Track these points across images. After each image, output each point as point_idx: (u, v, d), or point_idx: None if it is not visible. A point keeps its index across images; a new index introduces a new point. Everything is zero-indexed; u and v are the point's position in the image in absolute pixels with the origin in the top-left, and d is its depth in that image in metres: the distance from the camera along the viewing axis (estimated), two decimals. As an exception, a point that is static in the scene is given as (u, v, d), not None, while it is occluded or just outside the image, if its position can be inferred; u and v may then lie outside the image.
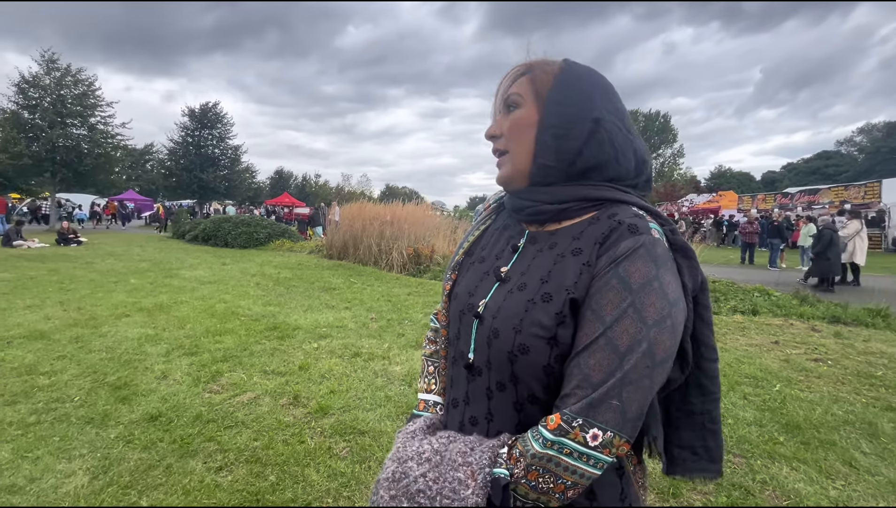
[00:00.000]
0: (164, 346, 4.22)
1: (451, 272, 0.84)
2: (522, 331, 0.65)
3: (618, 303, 0.60)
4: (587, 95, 0.71)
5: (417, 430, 0.73)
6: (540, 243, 0.74)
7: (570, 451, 0.58)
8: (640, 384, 0.58)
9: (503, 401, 0.69)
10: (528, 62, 0.76)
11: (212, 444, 2.57)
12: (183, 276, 8.23)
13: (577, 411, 0.58)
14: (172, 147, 29.56)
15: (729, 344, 4.80)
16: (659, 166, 57.72)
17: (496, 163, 0.78)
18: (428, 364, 0.92)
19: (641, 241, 0.62)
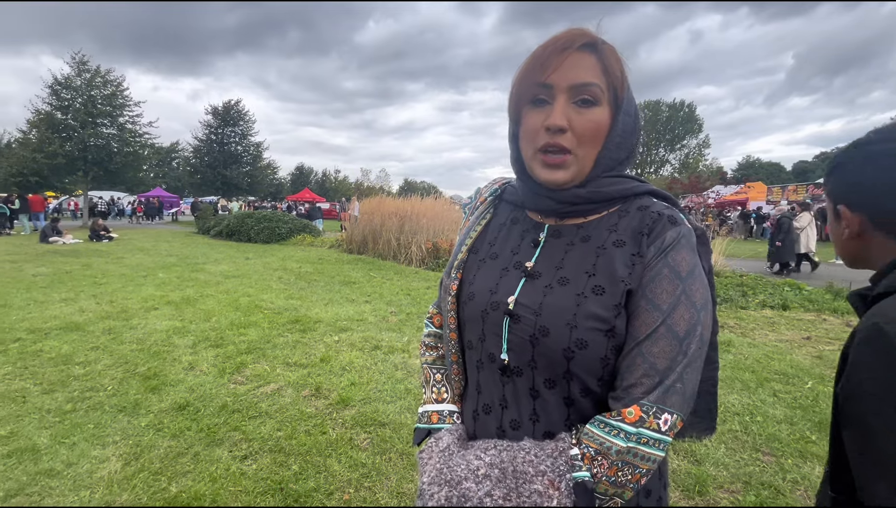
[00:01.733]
0: (191, 338, 4.35)
1: (456, 272, 0.78)
2: (578, 326, 0.63)
3: (672, 291, 0.62)
4: (636, 108, 0.72)
5: (451, 445, 0.69)
6: (567, 236, 0.72)
7: (647, 440, 0.59)
8: (696, 364, 0.62)
9: (552, 399, 0.67)
10: (591, 34, 0.67)
11: (237, 433, 2.63)
12: (208, 270, 8.45)
13: (655, 399, 0.59)
14: (197, 145, 30.29)
15: (758, 339, 4.66)
16: (683, 157, 56.23)
17: (550, 160, 0.67)
18: (434, 372, 0.86)
19: (682, 232, 0.66)
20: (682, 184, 39.91)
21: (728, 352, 4.19)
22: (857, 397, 0.60)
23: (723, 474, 2.35)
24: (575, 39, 0.66)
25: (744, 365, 3.86)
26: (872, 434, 0.57)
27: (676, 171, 53.77)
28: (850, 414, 0.61)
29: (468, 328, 0.75)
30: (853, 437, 0.61)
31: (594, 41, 0.67)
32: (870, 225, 0.73)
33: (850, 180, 0.75)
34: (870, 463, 0.58)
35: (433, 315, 0.92)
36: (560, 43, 0.66)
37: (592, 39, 0.67)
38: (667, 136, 56.29)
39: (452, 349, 0.79)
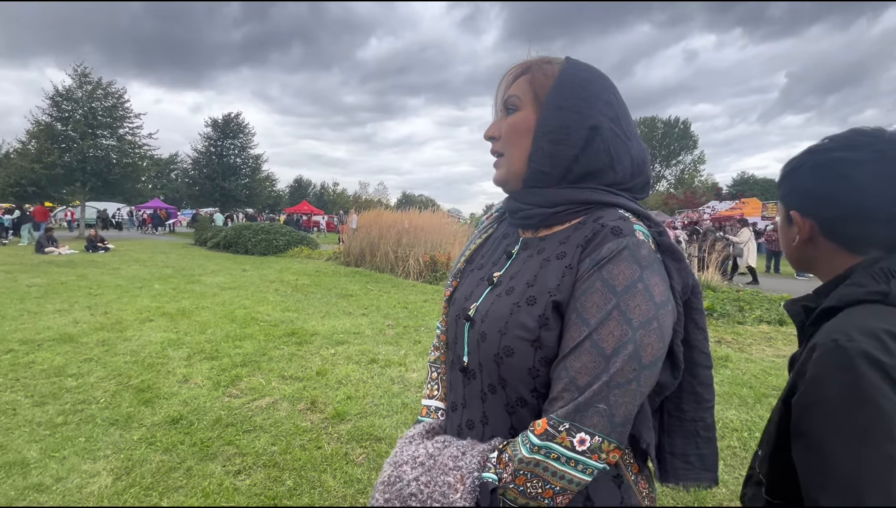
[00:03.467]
0: (186, 350, 4.31)
1: (453, 280, 0.86)
2: (507, 333, 0.65)
3: (602, 305, 0.59)
4: (586, 100, 0.69)
5: (416, 435, 0.75)
6: (531, 248, 0.74)
7: (557, 456, 0.57)
8: (627, 387, 0.57)
9: (496, 404, 0.69)
10: (528, 61, 0.75)
11: (231, 448, 2.60)
12: (204, 282, 8.41)
13: (564, 415, 0.57)
14: (196, 157, 30.40)
15: (755, 355, 4.66)
16: (679, 173, 56.79)
17: (493, 163, 0.78)
18: (431, 370, 0.94)
19: (625, 243, 0.62)
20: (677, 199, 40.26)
21: (726, 367, 4.18)
22: (815, 411, 0.60)
23: (721, 491, 2.33)
24: (510, 73, 0.76)
25: (741, 380, 3.85)
26: (826, 449, 0.58)
27: (672, 186, 54.27)
28: (806, 428, 0.61)
29: (449, 330, 0.82)
30: (806, 450, 0.61)
31: (527, 66, 0.74)
32: (819, 232, 0.73)
33: (803, 186, 0.75)
34: (821, 477, 0.58)
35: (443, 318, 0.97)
36: (502, 81, 0.77)
37: (526, 67, 0.74)
38: (662, 152, 56.93)
39: (442, 349, 0.88)
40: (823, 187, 0.72)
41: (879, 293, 0.65)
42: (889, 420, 0.55)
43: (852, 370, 0.58)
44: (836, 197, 0.71)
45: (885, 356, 0.57)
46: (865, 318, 0.63)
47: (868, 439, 0.55)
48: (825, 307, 0.71)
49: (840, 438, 0.57)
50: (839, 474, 0.56)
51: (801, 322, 0.80)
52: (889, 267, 0.67)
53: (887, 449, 0.54)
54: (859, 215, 0.70)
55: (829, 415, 0.59)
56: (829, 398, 0.59)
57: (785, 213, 0.80)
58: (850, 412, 0.57)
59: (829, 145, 0.73)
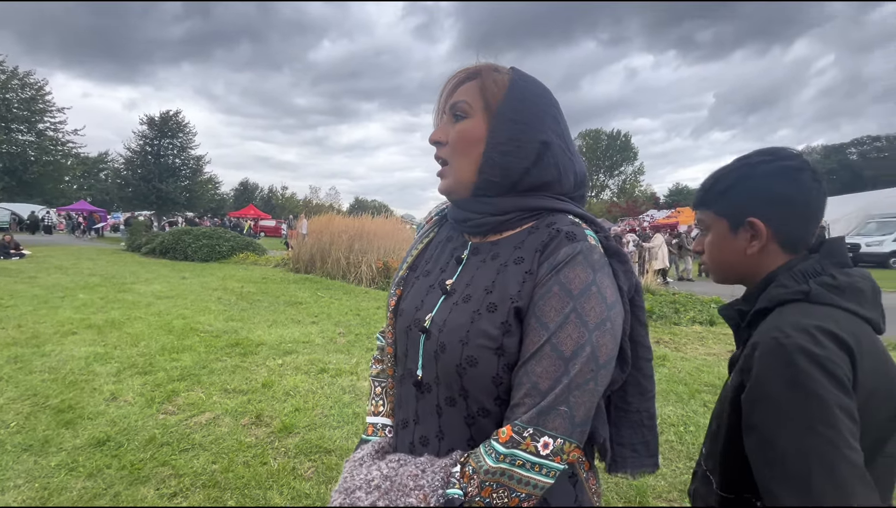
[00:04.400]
0: (115, 365, 3.97)
1: (396, 288, 0.81)
2: (469, 343, 0.64)
3: (560, 309, 0.61)
4: (536, 115, 0.70)
5: (365, 456, 0.72)
6: (483, 253, 0.73)
7: (522, 462, 0.57)
8: (585, 387, 0.59)
9: (454, 417, 0.67)
10: (476, 66, 0.74)
11: (165, 469, 2.41)
12: (138, 291, 7.81)
13: (528, 420, 0.58)
14: (129, 156, 28.32)
15: (689, 353, 4.98)
16: (621, 183, 59.99)
17: (438, 171, 0.76)
18: (375, 385, 0.89)
19: (579, 248, 0.64)
20: (620, 207, 42.46)
21: (664, 366, 4.44)
22: (762, 406, 0.65)
23: (661, 484, 2.46)
24: (456, 77, 0.74)
25: (678, 378, 4.10)
26: (775, 440, 0.62)
27: (615, 195, 57.22)
28: (756, 422, 0.66)
29: (398, 343, 0.78)
30: (758, 444, 0.65)
31: (475, 71, 0.73)
32: (772, 236, 0.78)
33: (763, 192, 0.77)
34: (772, 467, 0.62)
35: (385, 330, 0.93)
36: (447, 83, 0.75)
37: (473, 72, 0.73)
38: (606, 162, 59.96)
39: (388, 362, 0.83)
40: (782, 191, 0.76)
41: (801, 293, 0.72)
42: (828, 408, 0.60)
43: (792, 364, 0.63)
44: (793, 199, 0.76)
45: (818, 349, 0.63)
46: (796, 316, 0.69)
47: (813, 428, 0.60)
48: (758, 309, 0.77)
49: (786, 429, 0.61)
50: (788, 463, 0.61)
51: (735, 325, 0.86)
52: (805, 269, 0.74)
53: (829, 436, 0.59)
54: (807, 215, 0.77)
55: (775, 409, 0.63)
56: (773, 392, 0.64)
57: (732, 223, 0.80)
58: (794, 405, 0.62)
59: (770, 157, 0.78)
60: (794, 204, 0.77)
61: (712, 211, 0.84)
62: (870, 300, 0.72)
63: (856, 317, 0.69)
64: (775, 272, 0.77)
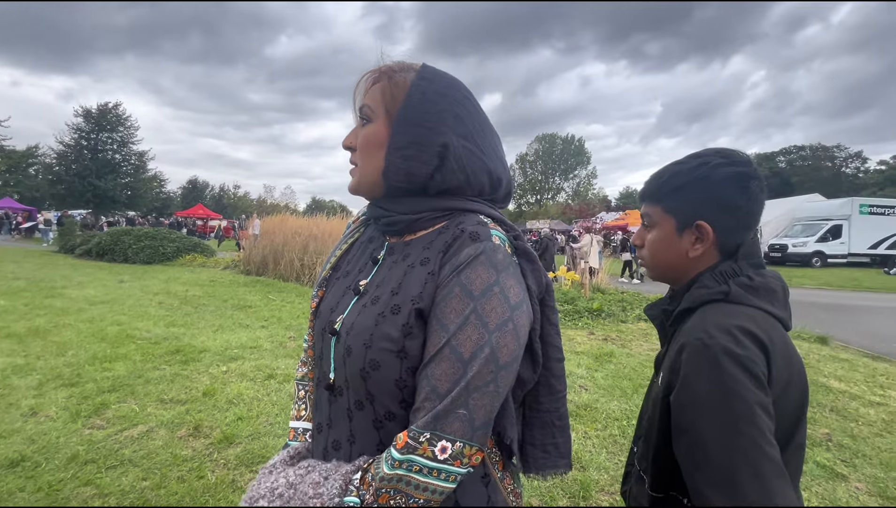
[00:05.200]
0: (37, 377, 3.64)
1: (318, 289, 0.80)
2: (372, 346, 0.63)
3: (461, 310, 0.60)
4: (437, 116, 0.68)
5: (278, 462, 0.70)
6: (396, 253, 0.73)
7: (419, 468, 0.56)
8: (485, 389, 0.58)
9: (363, 421, 0.66)
10: (381, 67, 0.73)
11: (88, 489, 2.23)
12: (68, 296, 7.23)
13: (424, 425, 0.57)
14: (62, 150, 26.21)
15: (634, 350, 5.20)
16: (575, 186, 62.02)
17: (350, 171, 0.76)
18: (299, 388, 0.87)
19: (482, 248, 0.63)
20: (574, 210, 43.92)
21: (610, 363, 4.61)
22: (690, 407, 0.66)
23: (604, 477, 2.55)
24: (362, 78, 0.74)
25: (623, 374, 4.27)
26: (704, 443, 0.64)
27: (570, 198, 59.09)
28: (685, 424, 0.67)
29: (315, 345, 0.77)
30: (687, 444, 0.66)
31: (378, 74, 0.73)
32: (714, 240, 0.79)
33: (716, 196, 0.77)
34: (700, 467, 0.64)
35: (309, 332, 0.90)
36: (357, 85, 0.75)
37: (378, 73, 0.73)
38: (561, 166, 61.80)
39: (310, 365, 0.81)
40: (734, 199, 0.76)
41: (721, 293, 0.74)
42: (751, 408, 0.62)
43: (717, 365, 0.65)
44: (741, 207, 0.77)
45: (740, 349, 0.65)
46: (718, 316, 0.71)
47: (737, 428, 0.62)
48: (682, 309, 0.79)
49: (713, 430, 0.63)
50: (715, 462, 0.62)
51: (660, 324, 0.88)
52: (725, 270, 0.77)
53: (752, 434, 0.61)
54: (749, 224, 0.78)
55: (702, 410, 0.65)
56: (700, 393, 0.65)
57: (680, 222, 0.80)
58: (720, 406, 0.63)
59: (726, 160, 0.78)
60: (741, 212, 0.77)
61: (661, 207, 0.83)
62: (781, 300, 0.76)
63: (769, 316, 0.73)
64: (700, 273, 0.80)
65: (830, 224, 19.55)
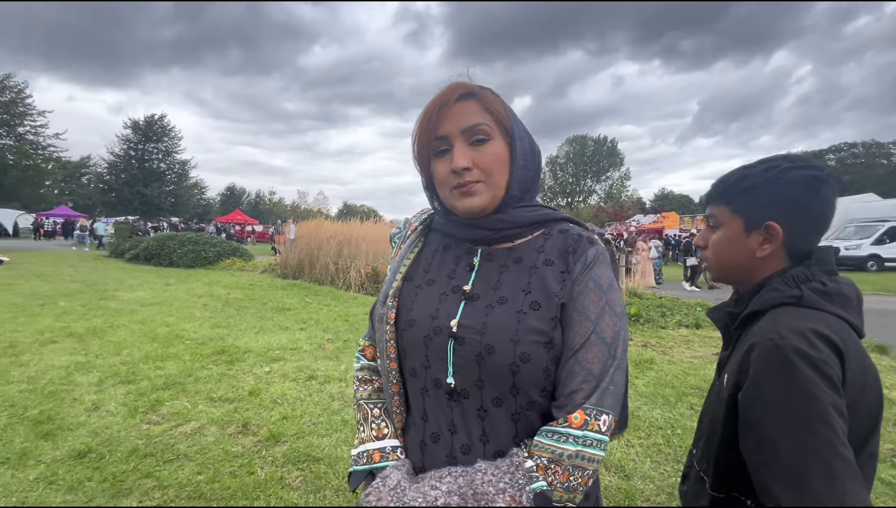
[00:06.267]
0: (97, 374, 3.88)
1: (392, 300, 0.78)
2: (521, 341, 0.68)
3: (597, 302, 0.70)
4: (526, 130, 0.80)
5: (402, 481, 0.66)
6: (500, 259, 0.77)
7: (591, 442, 0.63)
8: (621, 366, 0.69)
9: (500, 417, 0.70)
10: (467, 86, 0.76)
11: (149, 480, 2.36)
12: (121, 298, 7.66)
13: (595, 402, 0.65)
14: (112, 160, 27.84)
15: (675, 356, 5.04)
16: (608, 188, 60.73)
17: (464, 190, 0.73)
18: (371, 407, 0.82)
19: (599, 249, 0.75)
20: (607, 212, 42.94)
21: (651, 369, 4.48)
22: (760, 406, 0.66)
23: (649, 487, 2.48)
24: (452, 94, 0.74)
25: (665, 381, 4.14)
26: (773, 440, 0.64)
27: (602, 200, 57.89)
28: (754, 421, 0.67)
29: (410, 355, 0.75)
30: (755, 442, 0.67)
31: (470, 90, 0.75)
32: (783, 243, 0.79)
33: (790, 198, 0.78)
34: (770, 465, 0.64)
35: (365, 348, 0.91)
36: (440, 100, 0.74)
37: (468, 89, 0.75)
38: (593, 168, 60.67)
39: (393, 379, 0.77)
40: (805, 200, 0.78)
41: (794, 297, 0.74)
42: (825, 408, 0.62)
43: (789, 365, 0.65)
44: (812, 210, 0.78)
45: (813, 350, 0.65)
46: (790, 319, 0.71)
47: (808, 426, 0.62)
48: (750, 312, 0.79)
49: (784, 428, 0.63)
50: (786, 461, 0.62)
51: (724, 327, 0.88)
52: (797, 275, 0.77)
53: (826, 434, 0.61)
54: (819, 227, 0.79)
55: (773, 408, 0.65)
56: (771, 392, 0.66)
57: (748, 223, 0.81)
58: (791, 404, 0.63)
59: (798, 164, 0.79)
60: (812, 215, 0.78)
61: (728, 207, 0.84)
62: (855, 307, 0.75)
63: (843, 321, 0.72)
64: (769, 277, 0.80)
65: (887, 226, 18.36)
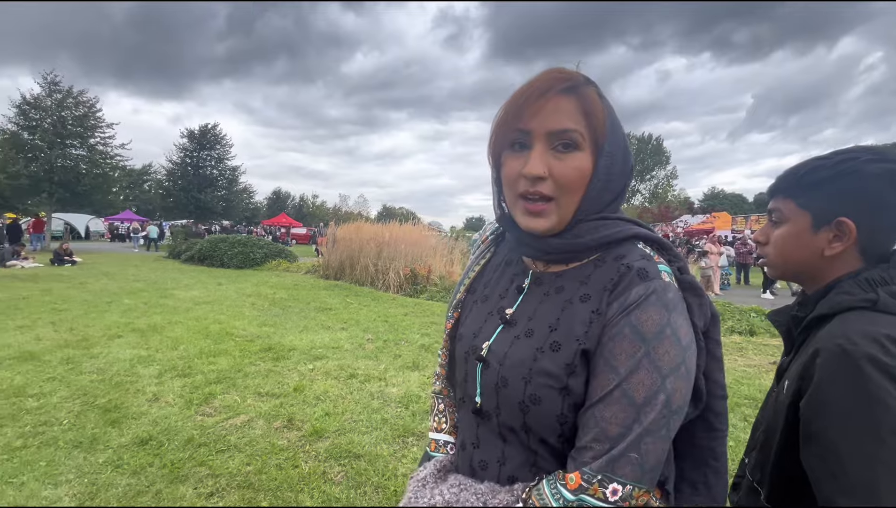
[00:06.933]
0: (157, 367, 4.16)
1: (454, 311, 0.80)
2: (532, 381, 0.63)
3: (632, 353, 0.58)
4: (624, 145, 0.67)
5: (428, 476, 0.71)
6: (546, 285, 0.70)
7: None
8: (657, 434, 0.57)
9: (516, 445, 0.67)
10: (571, 75, 0.65)
11: (203, 469, 2.50)
12: (178, 296, 8.16)
13: (598, 468, 0.56)
14: (171, 168, 29.78)
15: (728, 365, 4.78)
16: (653, 188, 58.48)
17: (532, 208, 0.65)
18: (438, 402, 0.88)
19: (653, 287, 0.60)
20: (652, 213, 41.34)
21: (700, 378, 4.27)
22: (825, 414, 0.62)
23: (698, 501, 2.37)
24: (554, 84, 0.63)
25: (715, 391, 3.93)
26: (840, 450, 0.60)
27: (647, 200, 55.79)
28: (817, 430, 0.63)
29: (457, 367, 0.77)
30: (819, 453, 0.62)
31: (574, 84, 0.64)
32: (855, 240, 0.73)
33: (863, 192, 0.72)
34: (836, 477, 0.60)
35: (442, 351, 0.92)
36: (538, 87, 0.63)
37: (573, 82, 0.64)
38: (637, 167, 58.49)
39: (444, 383, 0.86)
40: (885, 197, 0.71)
41: (868, 301, 0.69)
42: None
43: (859, 372, 0.60)
44: (892, 205, 0.71)
45: (886, 357, 0.61)
46: (862, 323, 0.66)
47: (879, 437, 0.58)
48: (817, 315, 0.73)
49: (852, 438, 0.59)
50: (854, 473, 0.58)
51: (786, 331, 0.83)
52: (872, 277, 0.71)
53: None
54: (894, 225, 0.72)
55: (840, 417, 0.61)
56: (838, 400, 0.61)
57: (816, 219, 0.75)
58: (861, 413, 0.59)
59: (877, 157, 0.72)
60: (892, 212, 0.71)
61: (795, 202, 0.78)
62: None
63: None
64: (838, 279, 0.74)
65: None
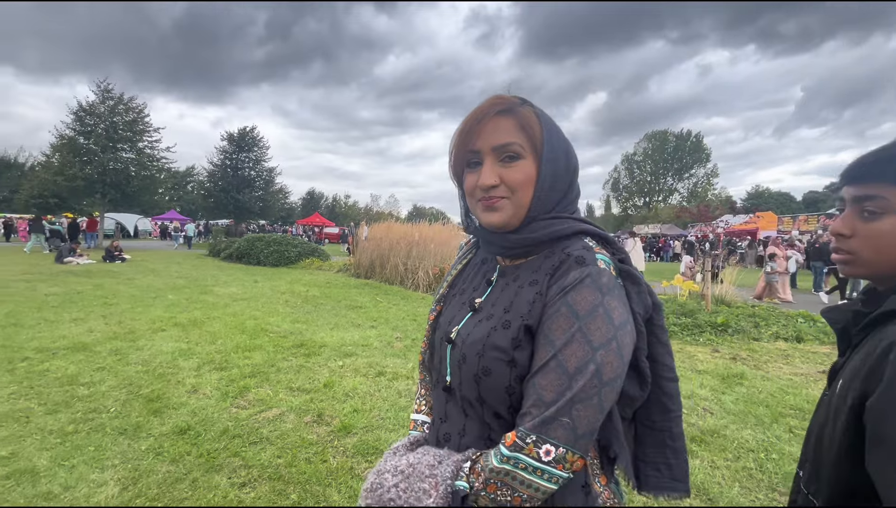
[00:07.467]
0: (196, 360, 4.34)
1: (437, 304, 0.92)
2: (484, 355, 0.72)
3: (567, 328, 0.66)
4: (565, 150, 0.78)
5: (400, 446, 0.80)
6: (507, 276, 0.81)
7: (525, 466, 0.62)
8: (589, 402, 0.63)
9: (474, 418, 0.76)
10: (505, 100, 0.77)
11: (237, 459, 2.59)
12: (216, 293, 8.50)
13: (531, 428, 0.63)
14: (212, 169, 31.04)
15: (771, 373, 4.53)
16: (692, 187, 56.29)
17: (488, 204, 0.76)
18: (420, 387, 1.03)
19: (588, 272, 0.69)
20: (690, 213, 39.79)
21: (740, 385, 4.07)
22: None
23: (737, 514, 2.25)
24: (491, 108, 0.75)
25: (757, 399, 3.74)
26: None
27: (685, 199, 53.75)
28: (888, 433, 0.58)
29: (434, 352, 0.87)
30: (888, 456, 0.58)
31: (509, 106, 0.76)
32: None
33: None
34: None
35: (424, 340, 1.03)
36: (478, 114, 0.75)
37: (508, 105, 0.76)
38: (674, 165, 56.56)
39: (424, 368, 0.98)
40: None
41: None
42: None
43: None
44: None
45: None
46: None
47: None
48: (884, 311, 0.68)
49: None
50: None
51: (842, 329, 0.78)
52: None
53: None
54: None
55: None
56: None
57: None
58: None
59: None
60: None
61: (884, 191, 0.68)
62: None
63: None
64: None
65: None
